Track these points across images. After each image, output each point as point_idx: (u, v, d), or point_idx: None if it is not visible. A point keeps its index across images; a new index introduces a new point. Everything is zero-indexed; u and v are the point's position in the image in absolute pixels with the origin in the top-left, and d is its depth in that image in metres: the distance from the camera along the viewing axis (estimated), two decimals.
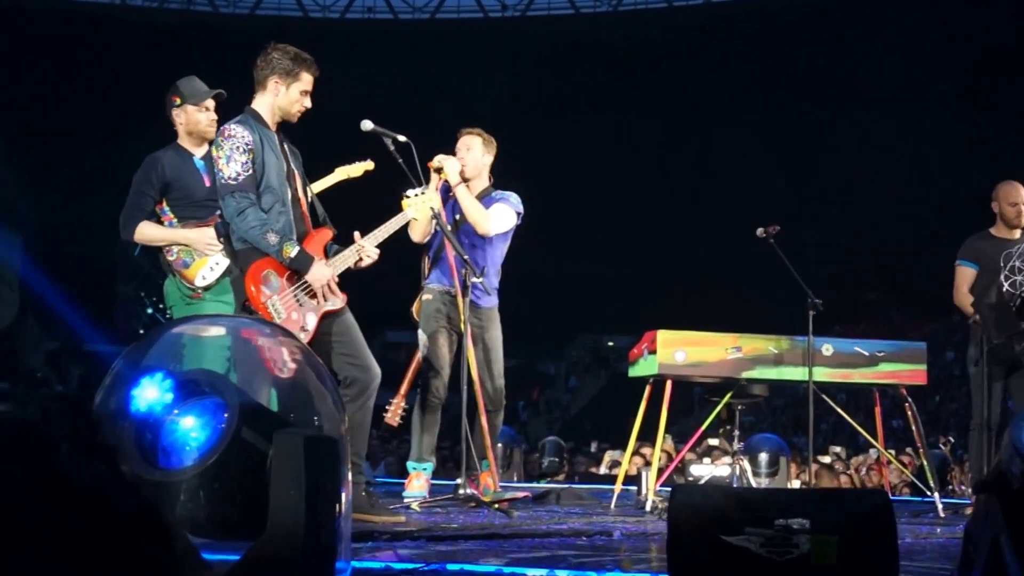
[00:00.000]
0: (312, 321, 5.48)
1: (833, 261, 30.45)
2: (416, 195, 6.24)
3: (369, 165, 6.96)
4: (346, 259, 5.65)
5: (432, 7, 37.95)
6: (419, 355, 7.17)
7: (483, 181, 7.14)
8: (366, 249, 5.67)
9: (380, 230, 5.87)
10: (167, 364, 2.84)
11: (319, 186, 6.74)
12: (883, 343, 7.73)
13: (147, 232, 6.16)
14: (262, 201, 5.42)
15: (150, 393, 2.69)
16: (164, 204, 6.17)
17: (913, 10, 32.27)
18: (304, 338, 5.36)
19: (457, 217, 7.02)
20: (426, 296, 7.07)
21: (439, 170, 6.84)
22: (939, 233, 29.40)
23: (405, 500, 6.77)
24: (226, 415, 2.66)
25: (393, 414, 7.24)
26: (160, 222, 6.24)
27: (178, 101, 6.12)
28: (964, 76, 31.49)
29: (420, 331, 7.05)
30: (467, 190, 6.89)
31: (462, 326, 6.75)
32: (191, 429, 2.69)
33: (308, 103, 5.60)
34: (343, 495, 2.84)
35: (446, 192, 6.96)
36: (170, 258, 6.32)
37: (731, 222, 19.71)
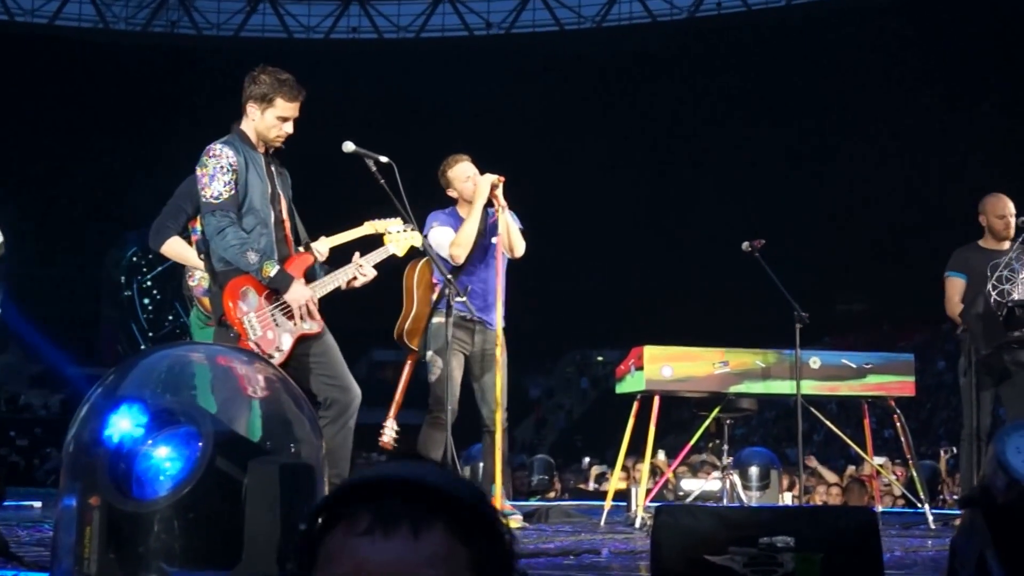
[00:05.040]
0: (287, 342, 5.43)
1: (822, 273, 30.50)
2: (399, 232, 6.23)
3: (399, 223, 6.93)
4: (338, 278, 5.62)
5: (417, 26, 38.03)
6: (405, 376, 7.15)
7: None
8: (364, 268, 5.66)
9: (367, 258, 5.84)
10: (142, 393, 2.80)
11: (346, 236, 6.71)
12: (871, 355, 7.71)
13: (175, 248, 6.26)
14: (244, 222, 5.39)
15: (124, 423, 2.66)
16: (197, 223, 6.20)
17: (896, 24, 32.42)
18: (279, 358, 5.33)
19: (493, 241, 7.02)
20: (436, 320, 6.99)
21: (495, 186, 6.91)
22: (927, 243, 29.50)
23: None
24: (200, 444, 2.63)
25: (389, 439, 7.21)
26: (189, 241, 6.28)
27: None
28: (948, 87, 31.60)
29: (430, 352, 6.98)
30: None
31: (473, 349, 6.95)
32: (165, 459, 2.65)
33: (288, 129, 5.53)
34: None
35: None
36: (191, 283, 6.32)
37: (719, 236, 19.72)
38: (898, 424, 7.77)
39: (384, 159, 6.08)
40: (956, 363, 7.85)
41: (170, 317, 31.02)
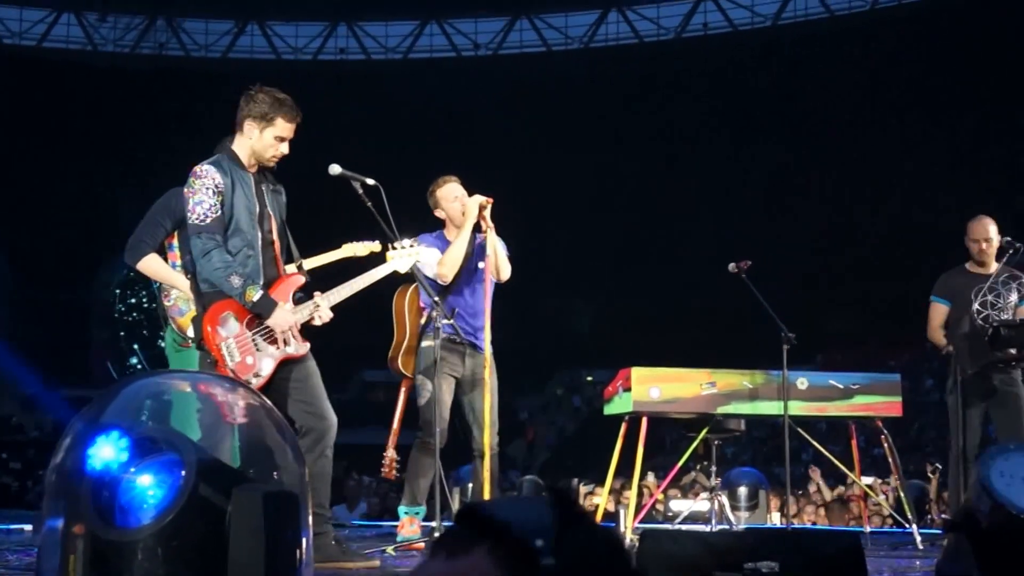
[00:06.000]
0: (268, 367, 5.40)
1: (813, 291, 30.55)
2: (404, 247, 6.21)
3: (376, 247, 6.91)
4: (301, 313, 5.58)
5: (404, 48, 38.09)
6: (401, 403, 7.14)
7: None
8: (320, 309, 5.62)
9: (349, 285, 5.82)
10: (125, 421, 2.79)
11: (323, 259, 6.69)
12: (858, 375, 7.72)
13: (152, 266, 6.21)
14: (230, 244, 5.37)
15: (106, 451, 2.65)
16: (174, 239, 6.17)
17: (881, 47, 32.60)
18: (257, 383, 5.30)
19: (481, 264, 7.00)
20: (425, 343, 6.95)
21: (483, 207, 6.89)
22: (916, 261, 29.55)
23: (399, 543, 6.78)
24: (183, 472, 2.62)
25: (389, 468, 7.19)
26: (165, 259, 6.25)
27: None
28: (933, 105, 31.73)
29: (420, 376, 6.94)
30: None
31: (464, 372, 6.91)
32: (148, 487, 2.64)
33: (284, 149, 5.54)
34: (304, 544, 2.81)
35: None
36: (167, 303, 6.29)
37: (709, 256, 19.75)
38: (886, 444, 7.79)
39: (371, 181, 6.05)
40: (944, 382, 7.88)
41: (161, 334, 30.90)
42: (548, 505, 1.65)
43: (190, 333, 5.96)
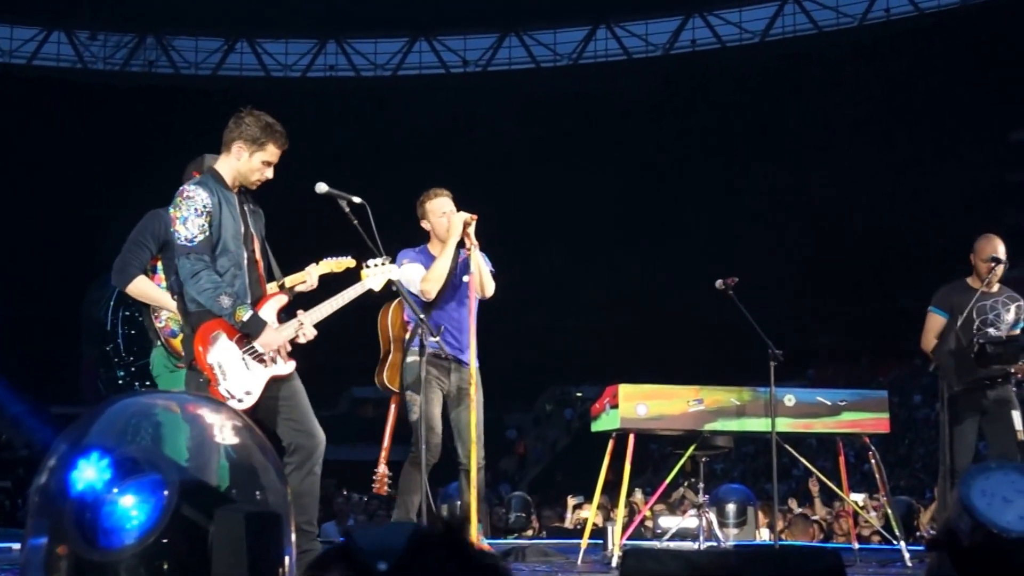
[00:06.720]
0: (258, 385, 5.42)
1: (802, 306, 30.57)
2: (376, 265, 6.21)
3: (351, 263, 6.90)
4: (287, 331, 5.59)
5: (394, 64, 38.16)
6: (391, 418, 7.12)
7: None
8: (304, 327, 5.63)
9: (329, 303, 5.83)
10: (108, 442, 2.80)
11: (302, 276, 6.70)
12: (845, 392, 7.73)
13: (142, 287, 6.19)
14: (218, 264, 5.38)
15: (89, 473, 2.66)
16: (158, 262, 6.16)
17: (868, 66, 32.73)
18: (249, 401, 5.33)
19: (465, 279, 6.99)
20: (411, 358, 6.94)
21: (467, 224, 6.87)
22: (906, 279, 29.65)
23: None
24: (165, 493, 2.63)
25: (380, 484, 7.16)
26: (150, 278, 6.23)
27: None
28: (924, 121, 31.84)
29: (410, 392, 6.93)
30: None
31: (449, 387, 6.89)
32: (131, 508, 2.65)
33: (269, 174, 5.55)
34: (286, 564, 2.82)
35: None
36: (158, 324, 6.25)
37: (699, 272, 19.73)
38: (873, 461, 7.80)
39: (357, 199, 6.05)
40: (932, 398, 7.89)
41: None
42: (410, 533, 1.87)
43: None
